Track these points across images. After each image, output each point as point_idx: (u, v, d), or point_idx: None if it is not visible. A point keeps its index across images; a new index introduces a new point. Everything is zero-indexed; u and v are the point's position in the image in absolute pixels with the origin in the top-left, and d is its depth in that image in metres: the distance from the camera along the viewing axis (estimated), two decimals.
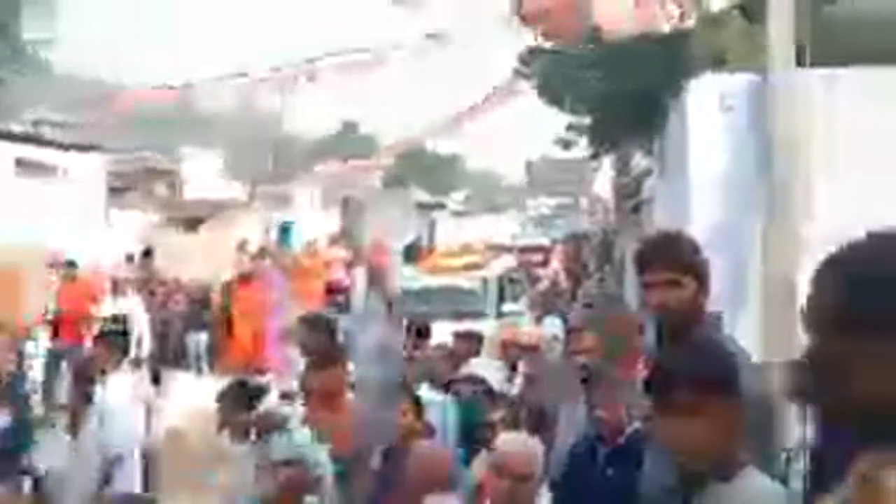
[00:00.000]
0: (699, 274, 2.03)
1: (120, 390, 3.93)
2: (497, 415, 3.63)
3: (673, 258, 2.05)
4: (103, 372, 4.02)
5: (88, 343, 6.53)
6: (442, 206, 26.45)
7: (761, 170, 4.02)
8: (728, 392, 1.65)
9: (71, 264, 7.86)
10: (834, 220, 3.68)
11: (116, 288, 7.70)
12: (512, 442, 2.84)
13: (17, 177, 10.84)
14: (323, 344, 3.93)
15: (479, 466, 3.28)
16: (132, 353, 6.64)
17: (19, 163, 11.12)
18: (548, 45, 9.44)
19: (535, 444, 2.83)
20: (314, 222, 17.90)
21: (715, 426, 1.62)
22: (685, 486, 1.69)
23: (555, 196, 23.76)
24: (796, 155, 3.88)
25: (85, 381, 3.99)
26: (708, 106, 4.29)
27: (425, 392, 3.74)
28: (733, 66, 4.35)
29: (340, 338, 4.20)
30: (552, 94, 9.36)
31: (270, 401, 3.78)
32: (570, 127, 10.52)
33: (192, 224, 15.51)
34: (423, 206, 25.19)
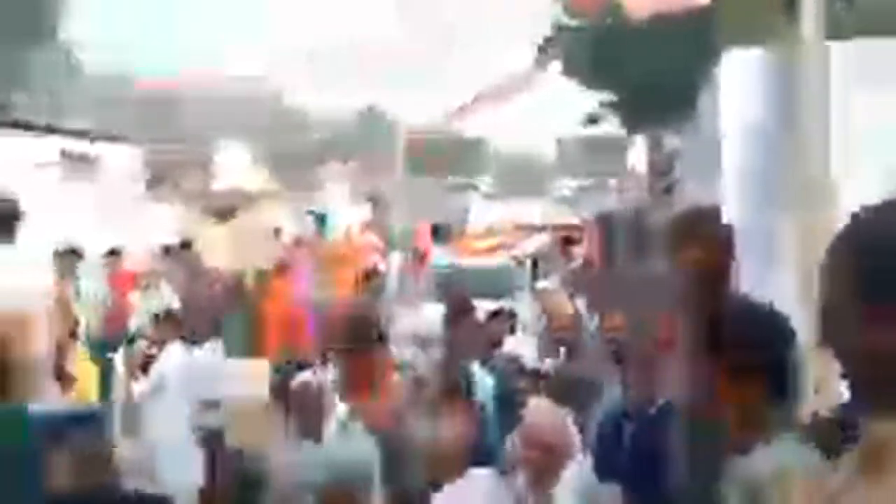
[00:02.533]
0: (726, 243, 2.10)
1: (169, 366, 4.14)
2: (530, 389, 3.71)
3: (700, 232, 2.12)
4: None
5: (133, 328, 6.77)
6: (474, 188, 26.44)
7: (791, 158, 4.01)
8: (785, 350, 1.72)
9: (114, 253, 8.10)
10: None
11: (149, 279, 7.89)
12: (540, 412, 2.92)
13: (62, 169, 11.14)
14: (360, 329, 4.03)
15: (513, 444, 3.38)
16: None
17: (62, 155, 11.43)
18: (573, 22, 9.41)
19: (563, 415, 2.91)
20: (346, 210, 18.06)
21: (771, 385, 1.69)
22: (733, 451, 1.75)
23: (584, 175, 23.60)
24: (826, 144, 3.86)
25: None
26: (739, 82, 4.27)
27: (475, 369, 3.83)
28: (764, 40, 4.33)
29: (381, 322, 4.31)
30: (578, 72, 9.33)
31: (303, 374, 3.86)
32: (601, 104, 10.44)
33: (224, 214, 15.75)
34: (453, 189, 25.23)
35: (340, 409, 3.35)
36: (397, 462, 3.35)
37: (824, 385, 2.46)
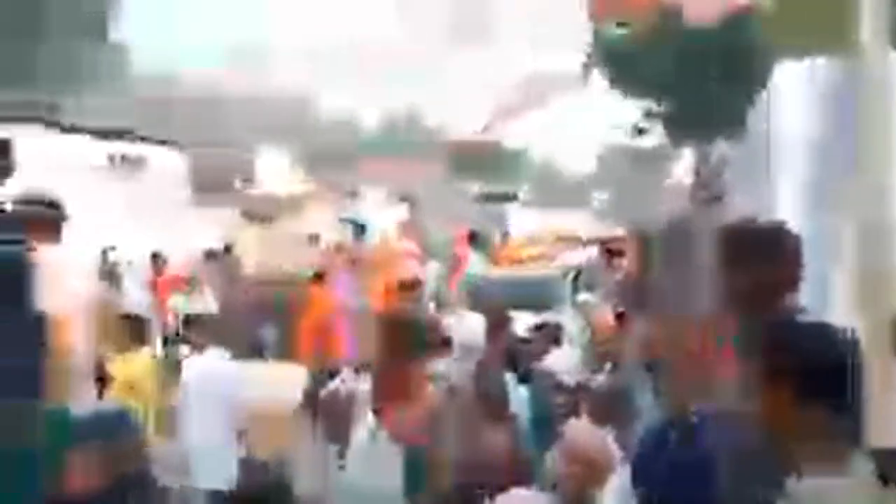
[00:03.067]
0: (794, 256, 2.01)
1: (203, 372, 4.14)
2: (568, 405, 3.62)
3: (758, 248, 2.02)
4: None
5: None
6: (512, 197, 26.33)
7: (851, 168, 3.86)
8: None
9: (156, 257, 8.21)
10: None
11: (192, 283, 7.97)
12: (580, 428, 2.86)
13: (107, 171, 11.38)
14: (397, 338, 3.98)
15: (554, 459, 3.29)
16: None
17: (110, 158, 11.68)
18: (619, 31, 9.29)
19: (601, 431, 2.84)
20: (383, 217, 18.12)
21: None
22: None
23: (625, 186, 23.36)
24: (887, 152, 3.70)
25: None
26: (793, 95, 4.14)
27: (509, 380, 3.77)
28: (821, 50, 4.18)
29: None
30: (623, 83, 9.20)
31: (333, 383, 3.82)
32: (647, 114, 10.29)
33: (265, 220, 15.92)
34: (490, 198, 25.16)
35: (370, 418, 3.30)
36: (426, 475, 3.27)
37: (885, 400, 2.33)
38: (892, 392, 2.33)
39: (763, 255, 2.02)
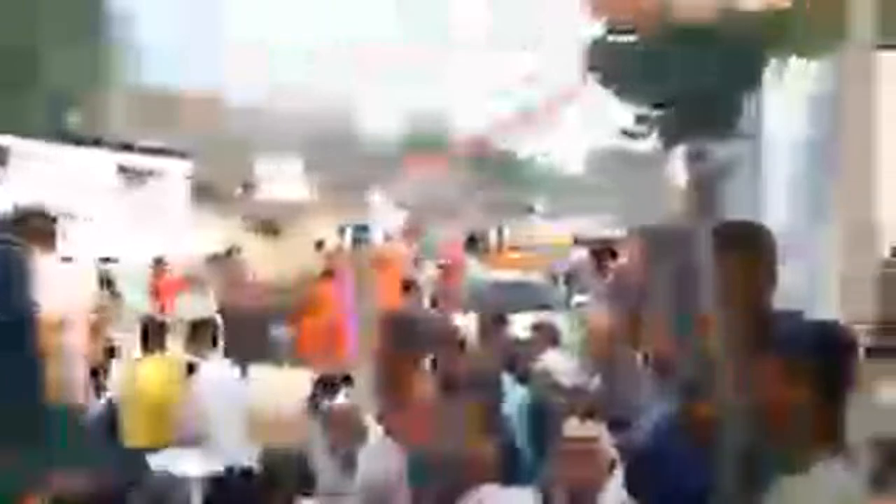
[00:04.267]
0: (770, 260, 2.07)
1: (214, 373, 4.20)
2: (566, 406, 3.66)
3: (746, 246, 2.08)
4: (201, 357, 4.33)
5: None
6: (531, 210, 26.35)
7: (837, 169, 3.92)
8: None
9: (158, 262, 8.30)
10: None
11: (194, 286, 8.03)
12: (576, 428, 2.90)
13: (116, 181, 11.48)
14: (395, 339, 4.03)
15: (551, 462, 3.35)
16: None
17: (119, 169, 11.78)
18: (618, 38, 9.33)
19: (599, 429, 2.88)
20: (390, 222, 18.20)
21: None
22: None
23: (622, 189, 23.41)
24: (870, 149, 3.76)
25: None
26: (783, 98, 4.19)
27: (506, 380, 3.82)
28: (810, 52, 4.23)
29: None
30: (616, 85, 9.24)
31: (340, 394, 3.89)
32: (639, 119, 10.34)
33: (270, 227, 16.02)
34: (494, 202, 25.23)
35: (376, 428, 3.36)
36: (429, 474, 3.32)
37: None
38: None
39: (741, 254, 2.07)
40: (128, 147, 13.10)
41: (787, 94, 4.12)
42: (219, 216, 14.85)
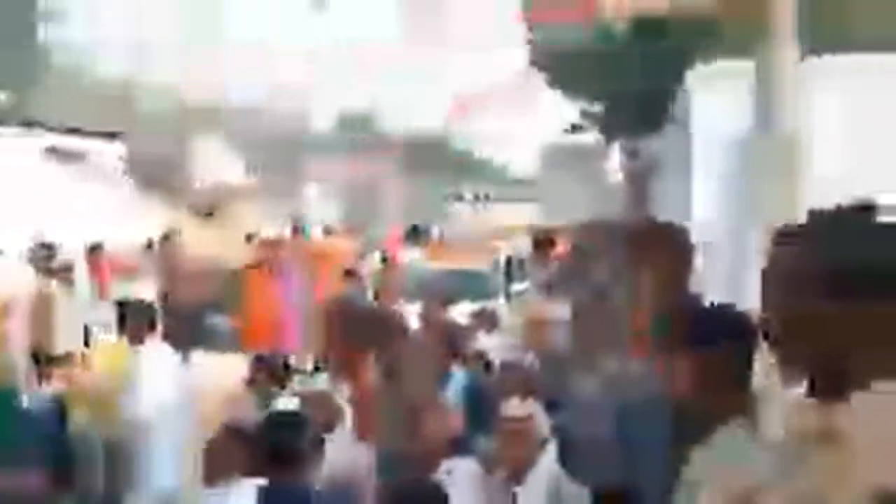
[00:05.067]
0: (687, 257, 2.20)
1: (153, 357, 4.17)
2: (502, 385, 3.78)
3: (662, 244, 2.21)
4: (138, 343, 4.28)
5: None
6: (453, 194, 26.55)
7: (760, 159, 4.15)
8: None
9: (95, 247, 8.11)
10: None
11: (129, 272, 7.85)
12: (512, 406, 3.03)
13: (45, 164, 11.10)
14: (341, 327, 4.06)
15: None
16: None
17: (48, 151, 11.39)
18: (559, 35, 9.54)
19: (533, 406, 3.02)
20: (325, 211, 18.11)
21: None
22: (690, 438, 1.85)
23: (565, 182, 23.73)
24: (793, 144, 4.01)
25: None
26: (712, 90, 4.39)
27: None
28: (734, 53, 4.46)
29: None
30: (562, 84, 9.48)
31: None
32: (583, 114, 10.63)
33: (206, 213, 15.75)
34: (434, 193, 25.31)
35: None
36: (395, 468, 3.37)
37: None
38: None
39: (658, 250, 2.19)
40: (60, 129, 12.67)
41: (717, 94, 4.32)
42: (155, 200, 14.52)
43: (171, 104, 21.45)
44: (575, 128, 10.46)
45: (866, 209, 1.13)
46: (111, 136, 12.92)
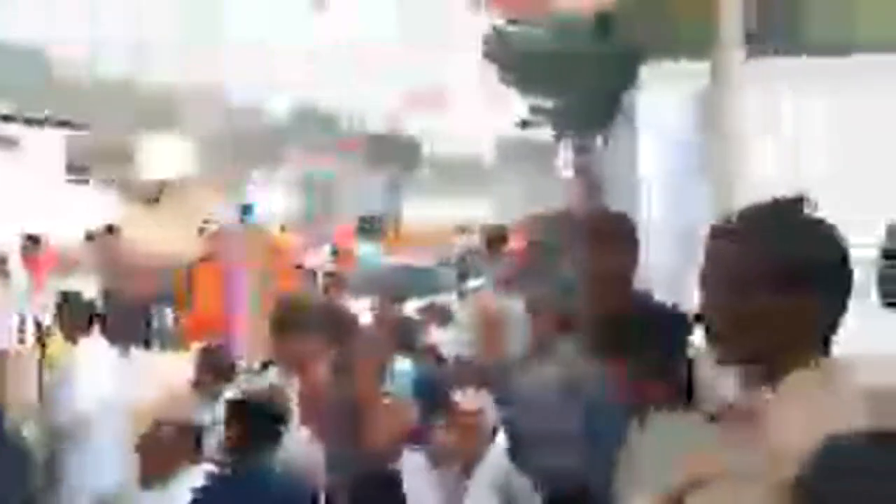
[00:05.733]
0: (633, 251, 2.24)
1: (91, 353, 4.03)
2: (451, 377, 3.78)
3: (608, 236, 2.24)
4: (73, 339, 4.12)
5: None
6: (406, 186, 26.51)
7: (705, 157, 4.25)
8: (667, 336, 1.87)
9: (32, 239, 7.82)
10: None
11: (68, 265, 7.58)
12: (462, 397, 3.04)
13: None
14: (291, 323, 4.02)
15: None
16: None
17: None
18: (511, 28, 9.61)
19: (483, 398, 3.03)
20: (275, 203, 17.87)
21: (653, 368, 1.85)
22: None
23: (519, 176, 23.92)
24: (734, 143, 4.11)
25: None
26: (660, 88, 4.47)
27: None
28: (683, 53, 4.54)
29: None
30: (514, 78, 9.55)
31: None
32: (533, 109, 10.74)
33: (153, 203, 15.39)
34: (387, 186, 25.22)
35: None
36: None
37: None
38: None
39: (604, 242, 2.22)
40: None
41: (664, 93, 4.40)
42: (97, 190, 14.11)
43: (124, 95, 20.92)
44: (525, 123, 10.54)
45: (799, 202, 1.15)
46: (46, 122, 12.46)
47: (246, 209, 13.02)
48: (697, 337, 2.15)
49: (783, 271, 1.10)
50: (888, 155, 4.52)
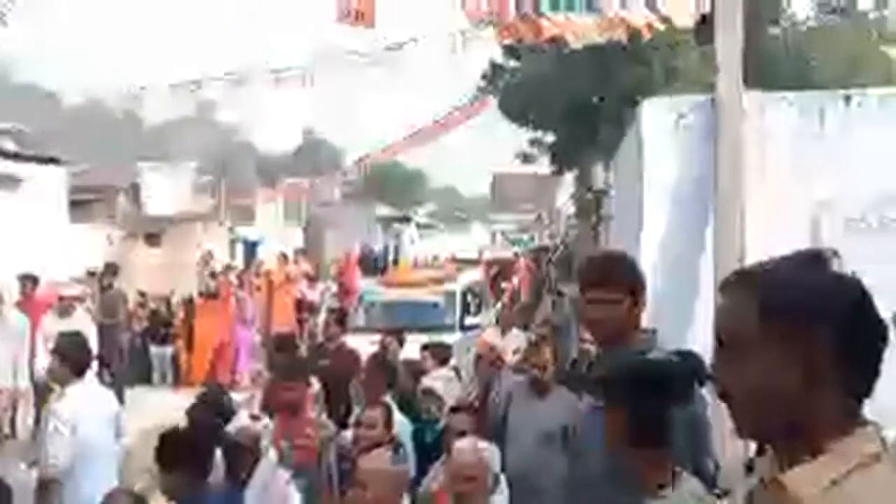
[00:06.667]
0: (635, 292, 2.14)
1: (75, 403, 3.91)
2: (451, 424, 3.69)
3: (612, 279, 2.15)
4: (61, 385, 4.00)
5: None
6: (407, 220, 26.50)
7: (709, 183, 4.18)
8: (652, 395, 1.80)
9: (28, 278, 7.73)
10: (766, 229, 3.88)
11: (64, 304, 7.35)
12: (463, 447, 2.94)
13: None
14: (288, 360, 3.97)
15: (434, 477, 3.37)
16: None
17: None
18: (510, 62, 9.64)
19: (486, 448, 2.92)
20: (278, 237, 17.81)
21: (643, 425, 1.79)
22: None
23: (519, 211, 23.93)
24: (738, 171, 4.05)
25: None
26: (662, 122, 4.41)
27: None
28: (686, 85, 4.50)
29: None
30: (514, 110, 9.54)
31: (241, 419, 3.80)
32: (533, 142, 10.73)
33: (154, 239, 15.35)
34: (387, 220, 25.20)
35: (271, 453, 3.30)
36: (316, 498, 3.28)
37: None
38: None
39: (604, 282, 2.12)
40: (3, 154, 12.13)
41: (668, 130, 4.35)
42: (98, 227, 14.08)
43: (126, 130, 21.05)
44: (526, 157, 10.53)
45: (819, 259, 1.06)
46: (50, 161, 12.45)
47: (252, 246, 13.01)
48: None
49: (784, 328, 1.01)
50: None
